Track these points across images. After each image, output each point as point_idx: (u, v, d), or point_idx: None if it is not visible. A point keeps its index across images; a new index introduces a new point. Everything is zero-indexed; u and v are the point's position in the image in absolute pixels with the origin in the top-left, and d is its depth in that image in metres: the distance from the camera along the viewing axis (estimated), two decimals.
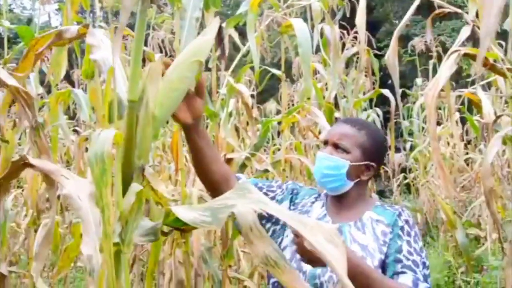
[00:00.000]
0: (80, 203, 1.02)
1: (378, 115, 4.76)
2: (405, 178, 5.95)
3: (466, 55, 1.82)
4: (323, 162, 1.35)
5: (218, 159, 1.37)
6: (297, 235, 1.12)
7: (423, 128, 5.26)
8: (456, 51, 1.80)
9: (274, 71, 2.57)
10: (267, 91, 8.92)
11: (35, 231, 3.05)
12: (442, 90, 2.03)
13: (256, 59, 2.06)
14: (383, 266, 1.27)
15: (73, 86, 4.19)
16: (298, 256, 1.21)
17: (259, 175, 2.41)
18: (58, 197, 3.81)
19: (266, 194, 1.43)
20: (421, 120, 5.24)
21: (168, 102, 0.92)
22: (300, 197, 1.44)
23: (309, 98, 2.49)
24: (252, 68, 2.78)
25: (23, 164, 1.25)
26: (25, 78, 1.89)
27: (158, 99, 0.89)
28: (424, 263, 1.29)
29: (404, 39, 8.15)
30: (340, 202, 1.38)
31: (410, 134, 5.72)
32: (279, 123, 2.90)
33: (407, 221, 1.32)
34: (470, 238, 4.22)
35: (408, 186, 6.22)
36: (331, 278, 1.26)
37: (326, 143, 1.39)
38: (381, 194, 8.20)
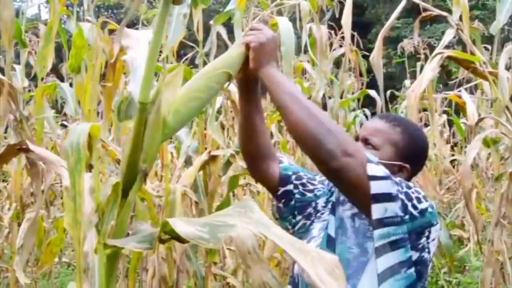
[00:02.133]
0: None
1: (366, 116, 4.79)
2: None
3: (449, 57, 1.85)
4: None
5: (263, 132, 1.27)
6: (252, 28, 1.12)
7: None
8: (439, 53, 1.83)
9: None
10: None
11: (19, 225, 3.03)
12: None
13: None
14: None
15: (62, 80, 4.16)
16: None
17: (243, 173, 2.42)
18: (42, 191, 3.78)
19: (305, 185, 1.32)
20: None
21: (184, 110, 0.88)
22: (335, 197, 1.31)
23: None
24: None
25: (19, 149, 1.23)
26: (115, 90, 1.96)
27: (175, 105, 0.86)
28: (411, 196, 1.08)
29: (394, 41, 8.21)
30: None
31: None
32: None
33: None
34: (453, 239, 4.27)
35: None
36: None
37: (356, 139, 1.27)
38: None
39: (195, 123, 2.56)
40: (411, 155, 1.21)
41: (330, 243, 1.18)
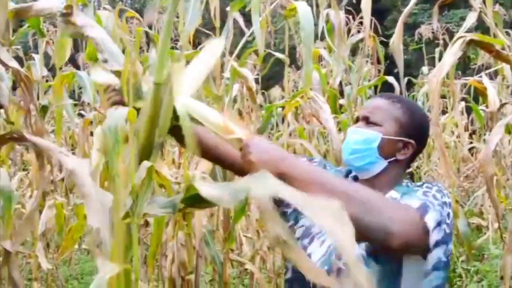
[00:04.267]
0: (84, 179, 1.04)
1: None
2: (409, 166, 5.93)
3: (471, 41, 1.81)
4: (351, 136, 1.19)
5: (217, 143, 1.23)
6: (241, 148, 0.96)
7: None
8: (461, 37, 1.79)
9: (278, 54, 2.56)
10: (273, 78, 8.90)
11: (40, 212, 3.10)
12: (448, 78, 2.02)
13: (260, 42, 2.06)
14: None
15: (79, 70, 4.20)
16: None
17: None
18: (63, 179, 3.84)
19: None
20: (426, 109, 5.21)
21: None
22: None
23: (310, 88, 2.45)
24: (256, 53, 2.77)
25: (10, 138, 1.24)
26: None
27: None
28: (448, 215, 1.05)
29: (411, 28, 8.07)
30: (367, 186, 1.14)
31: None
32: (283, 108, 2.91)
33: (429, 185, 1.12)
34: (472, 227, 4.23)
35: (411, 175, 6.22)
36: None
37: (357, 120, 1.24)
38: None
39: None
40: (414, 131, 1.18)
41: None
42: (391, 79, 3.50)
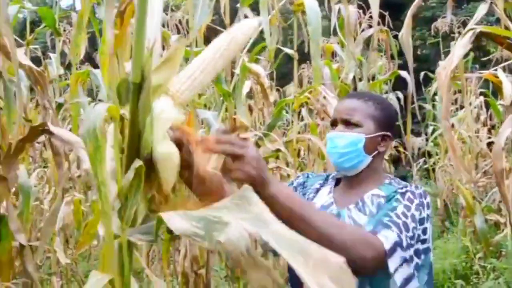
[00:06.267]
0: None
1: (398, 99, 4.69)
2: (425, 162, 5.88)
3: (482, 33, 1.78)
4: (337, 141, 1.27)
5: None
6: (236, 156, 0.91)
7: None
8: (471, 29, 1.77)
9: (287, 50, 2.56)
10: (288, 74, 8.87)
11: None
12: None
13: (268, 37, 2.07)
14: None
15: (96, 68, 4.25)
16: None
17: (272, 155, 2.43)
18: (79, 176, 3.91)
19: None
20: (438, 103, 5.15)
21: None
22: (307, 188, 1.37)
23: (323, 84, 2.44)
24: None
25: (42, 130, 1.27)
26: None
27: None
28: (419, 236, 1.17)
29: (429, 22, 7.96)
30: (353, 180, 1.30)
31: (435, 118, 5.65)
32: None
33: (412, 192, 1.21)
34: (489, 224, 4.16)
35: (428, 171, 6.16)
36: None
37: (334, 123, 1.31)
38: (402, 179, 8.15)
39: (224, 107, 2.58)
40: (389, 124, 1.31)
41: None
42: (404, 73, 3.46)
